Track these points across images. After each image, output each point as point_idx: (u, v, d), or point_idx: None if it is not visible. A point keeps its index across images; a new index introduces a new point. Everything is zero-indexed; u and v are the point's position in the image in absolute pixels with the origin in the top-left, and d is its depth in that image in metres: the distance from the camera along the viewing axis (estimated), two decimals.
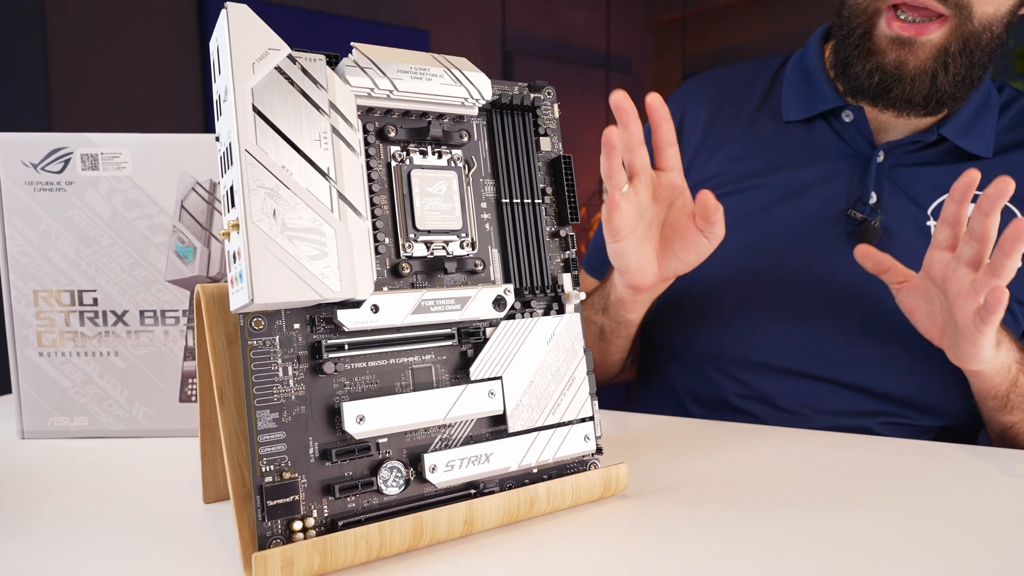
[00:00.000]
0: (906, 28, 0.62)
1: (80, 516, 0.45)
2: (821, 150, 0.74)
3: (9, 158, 0.59)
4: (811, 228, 0.72)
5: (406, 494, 0.39)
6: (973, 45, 0.63)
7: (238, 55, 0.35)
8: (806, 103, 0.74)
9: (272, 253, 0.34)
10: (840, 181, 0.72)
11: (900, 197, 0.70)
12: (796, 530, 0.41)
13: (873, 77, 0.65)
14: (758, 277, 0.74)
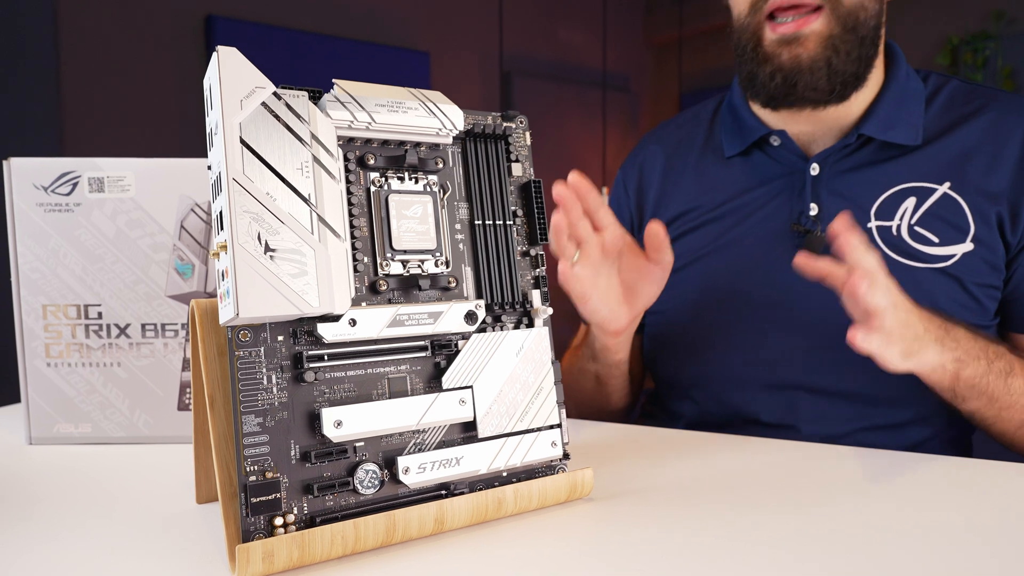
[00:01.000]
0: (787, 28, 0.67)
1: (81, 515, 0.48)
2: (762, 175, 0.78)
3: (22, 181, 0.62)
4: (762, 247, 0.76)
5: (380, 494, 0.42)
6: (853, 22, 0.68)
7: (227, 93, 0.38)
8: (739, 138, 0.79)
9: (256, 272, 0.37)
10: (782, 199, 0.76)
11: (841, 203, 0.73)
12: (755, 532, 0.44)
13: (775, 79, 0.70)
14: (724, 301, 0.78)
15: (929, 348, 0.57)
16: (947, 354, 0.59)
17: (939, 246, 0.70)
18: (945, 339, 0.59)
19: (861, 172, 0.74)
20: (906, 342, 0.55)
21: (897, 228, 0.71)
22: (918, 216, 0.71)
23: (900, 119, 0.73)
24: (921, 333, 0.57)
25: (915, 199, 0.71)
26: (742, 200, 0.78)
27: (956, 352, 0.59)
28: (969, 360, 0.60)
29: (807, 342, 0.74)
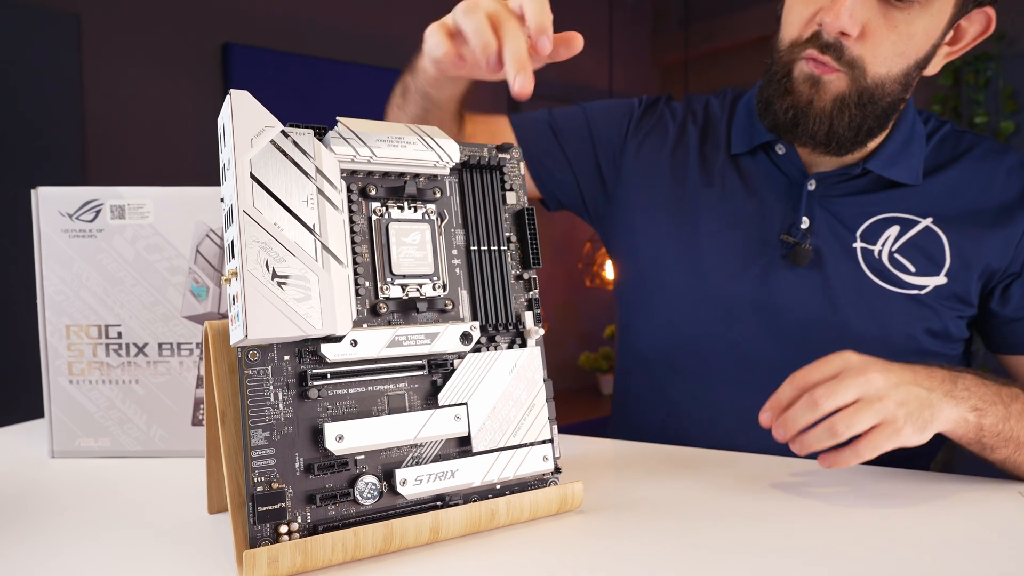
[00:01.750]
0: (814, 67, 0.69)
1: (100, 524, 0.51)
2: (762, 179, 0.81)
3: (48, 209, 0.66)
4: (751, 252, 0.78)
5: (379, 504, 0.45)
6: (867, 99, 0.70)
7: (239, 132, 0.41)
8: (749, 137, 0.82)
9: (264, 297, 0.40)
10: (776, 208, 0.79)
11: (831, 221, 0.76)
12: (742, 544, 0.46)
13: (788, 113, 0.72)
14: (709, 301, 0.80)
15: (943, 407, 0.55)
16: (963, 405, 0.56)
17: (914, 275, 0.73)
18: (955, 391, 0.56)
19: (854, 198, 0.76)
20: (916, 417, 0.53)
21: (879, 253, 0.74)
22: (899, 244, 0.74)
23: (903, 159, 0.75)
24: (926, 395, 0.54)
25: (899, 228, 0.74)
26: (740, 202, 0.80)
27: (971, 401, 0.56)
28: (987, 407, 0.57)
29: (781, 347, 0.77)
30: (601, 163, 0.89)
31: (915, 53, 0.69)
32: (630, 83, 3.76)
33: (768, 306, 0.77)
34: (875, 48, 0.67)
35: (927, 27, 0.67)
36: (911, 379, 0.55)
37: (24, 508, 0.54)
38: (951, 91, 2.69)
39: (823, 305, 0.75)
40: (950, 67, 2.67)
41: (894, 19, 0.66)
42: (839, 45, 0.67)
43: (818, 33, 0.68)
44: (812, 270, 0.75)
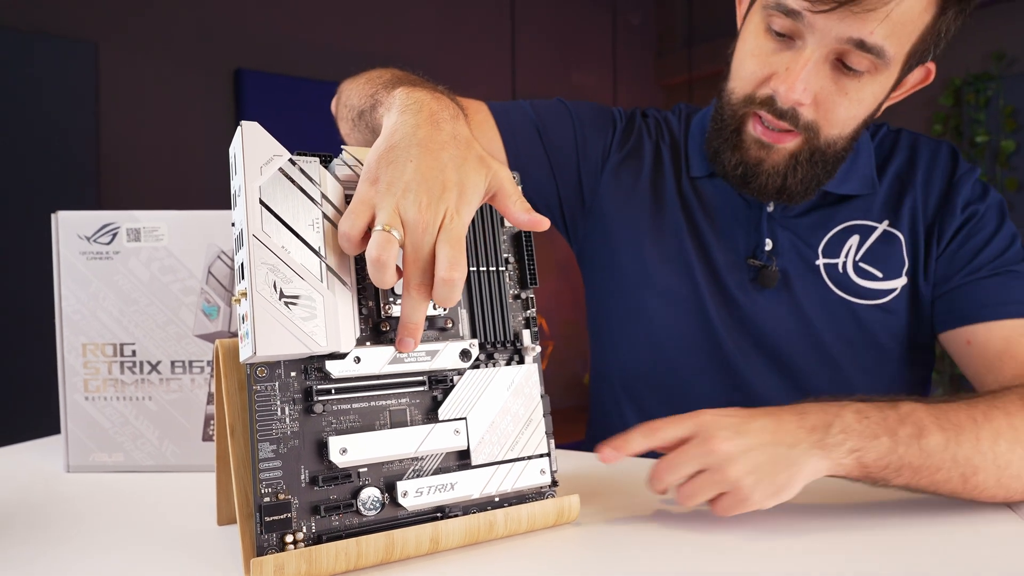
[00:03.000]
0: (767, 135, 0.70)
1: (114, 536, 0.53)
2: (722, 202, 0.82)
3: (67, 232, 0.68)
4: (722, 274, 0.80)
5: (381, 515, 0.46)
6: (819, 157, 0.71)
7: (249, 161, 0.43)
8: (705, 162, 0.82)
9: (272, 316, 0.42)
10: (740, 231, 0.80)
11: (793, 240, 0.78)
12: (736, 556, 0.47)
13: (737, 169, 0.73)
14: (690, 328, 0.81)
15: (807, 462, 0.50)
16: (835, 452, 0.51)
17: (882, 280, 0.75)
18: (827, 438, 0.51)
19: (811, 215, 0.78)
20: (768, 483, 0.49)
21: (843, 265, 0.76)
22: (862, 253, 0.75)
23: (855, 173, 0.78)
24: (785, 454, 0.50)
25: (858, 236, 0.76)
26: (705, 227, 0.81)
27: (847, 444, 0.51)
28: (867, 444, 0.51)
29: (757, 369, 0.78)
30: (582, 173, 0.87)
31: (865, 113, 0.71)
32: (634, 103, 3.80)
33: (744, 327, 0.79)
34: (828, 114, 0.68)
35: (876, 91, 0.69)
36: (769, 438, 0.50)
37: (41, 521, 0.56)
38: (952, 111, 2.71)
39: (796, 324, 0.77)
40: (951, 88, 2.68)
41: (845, 87, 0.67)
42: (794, 112, 0.68)
43: (772, 98, 0.69)
44: (781, 291, 0.77)
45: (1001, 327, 0.70)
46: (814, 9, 0.63)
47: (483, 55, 3.18)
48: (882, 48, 0.64)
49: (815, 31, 0.64)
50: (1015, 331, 0.69)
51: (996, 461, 0.53)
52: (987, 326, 0.70)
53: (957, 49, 2.73)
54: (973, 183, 0.76)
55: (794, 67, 0.66)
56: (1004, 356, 0.68)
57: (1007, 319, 0.70)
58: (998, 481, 0.53)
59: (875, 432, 0.52)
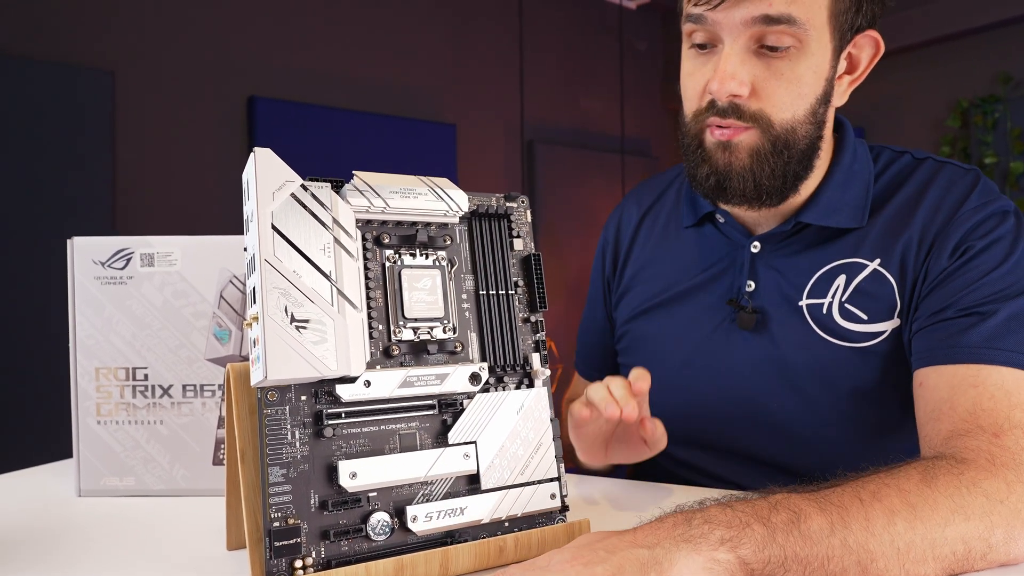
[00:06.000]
0: (722, 134, 0.70)
1: (125, 560, 0.52)
2: (711, 248, 0.82)
3: (82, 258, 0.69)
4: (703, 317, 0.80)
5: (391, 540, 0.46)
6: (782, 145, 0.70)
7: (262, 187, 0.44)
8: (693, 211, 0.83)
9: (283, 340, 0.42)
10: (725, 273, 0.79)
11: (777, 281, 0.76)
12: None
13: (710, 180, 0.73)
14: (670, 366, 0.81)
15: (675, 559, 0.42)
16: (703, 544, 0.43)
17: (868, 323, 0.70)
18: (689, 532, 0.44)
19: (798, 256, 0.75)
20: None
21: (828, 306, 0.72)
22: (848, 293, 0.71)
23: (844, 204, 0.74)
24: (648, 555, 0.43)
25: (845, 276, 0.72)
26: (695, 272, 0.82)
27: (714, 533, 0.44)
28: (738, 534, 0.44)
29: (734, 411, 0.77)
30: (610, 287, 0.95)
31: (812, 92, 0.70)
32: (641, 127, 3.82)
33: (721, 371, 0.78)
34: (770, 99, 0.68)
35: (813, 66, 0.68)
36: (625, 544, 0.44)
37: (52, 545, 0.56)
38: (960, 133, 2.71)
39: (776, 368, 0.74)
40: (958, 109, 2.69)
41: (777, 68, 0.68)
42: (736, 106, 0.69)
43: (713, 101, 0.70)
44: (760, 334, 0.75)
45: (950, 373, 0.63)
46: (711, 6, 0.66)
47: (493, 80, 3.21)
48: (789, 15, 0.65)
49: (723, 27, 0.67)
50: (962, 378, 0.62)
51: (895, 544, 0.46)
52: (937, 370, 0.64)
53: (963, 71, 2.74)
54: (981, 219, 0.68)
55: (720, 66, 0.68)
56: (944, 407, 0.62)
57: (957, 364, 0.63)
58: (901, 566, 0.46)
59: (744, 520, 0.44)
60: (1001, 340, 0.62)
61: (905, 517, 0.47)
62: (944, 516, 0.48)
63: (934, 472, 0.51)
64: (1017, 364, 0.61)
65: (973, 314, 0.64)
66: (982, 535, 0.48)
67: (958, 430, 0.58)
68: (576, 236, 3.44)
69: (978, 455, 0.54)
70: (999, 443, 0.55)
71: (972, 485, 0.50)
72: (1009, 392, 0.59)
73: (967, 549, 0.48)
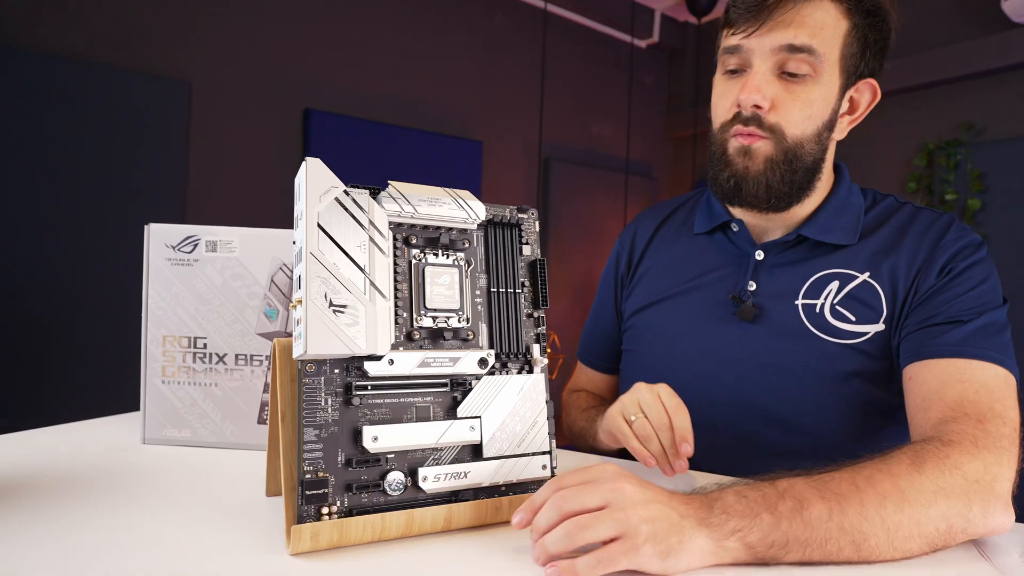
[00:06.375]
0: (743, 139, 0.74)
1: (180, 499, 0.54)
2: (719, 253, 0.83)
3: (156, 241, 0.71)
4: (709, 310, 0.80)
5: (404, 496, 0.47)
6: (792, 156, 0.73)
7: (311, 191, 0.45)
8: (708, 220, 0.85)
9: (322, 321, 0.44)
10: (730, 275, 0.81)
11: (776, 282, 0.77)
12: None
13: (729, 182, 0.75)
14: (674, 352, 0.82)
15: (695, 536, 0.44)
16: (719, 531, 0.45)
17: (855, 324, 0.72)
18: (711, 516, 0.45)
19: (796, 265, 0.77)
20: (661, 540, 0.43)
21: (821, 307, 0.74)
22: (840, 297, 0.73)
23: (838, 226, 0.76)
24: (678, 520, 0.44)
25: (838, 283, 0.74)
26: (703, 272, 0.83)
27: (730, 523, 0.45)
28: (749, 524, 0.45)
29: (732, 388, 0.77)
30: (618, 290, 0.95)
31: (820, 116, 0.73)
32: (644, 152, 3.81)
33: (723, 357, 0.78)
34: (787, 115, 0.72)
35: (823, 95, 0.72)
36: (665, 500, 0.45)
37: (121, 484, 0.58)
38: (925, 171, 2.68)
39: (770, 356, 0.75)
40: (925, 151, 2.66)
41: (795, 91, 0.71)
42: (758, 117, 0.72)
43: (739, 113, 0.73)
44: (758, 324, 0.76)
45: (939, 366, 0.65)
46: (748, 34, 0.71)
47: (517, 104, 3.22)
48: (810, 46, 0.69)
49: (755, 53, 0.72)
50: (950, 374, 0.64)
51: (885, 524, 0.47)
52: (926, 364, 0.66)
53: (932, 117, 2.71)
54: (961, 248, 0.71)
55: (748, 81, 0.72)
56: (934, 397, 0.63)
57: (944, 358, 0.65)
58: (891, 544, 0.47)
59: (755, 511, 0.45)
60: (977, 340, 0.65)
61: (895, 501, 0.48)
62: (928, 498, 0.49)
63: (923, 456, 0.53)
64: (992, 360, 0.64)
65: (955, 321, 0.67)
66: (961, 512, 0.50)
67: (946, 417, 0.60)
68: (582, 244, 3.44)
69: (963, 437, 0.56)
70: (983, 428, 0.57)
71: (955, 467, 0.52)
72: (992, 389, 0.62)
73: (949, 525, 0.49)
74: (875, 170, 2.81)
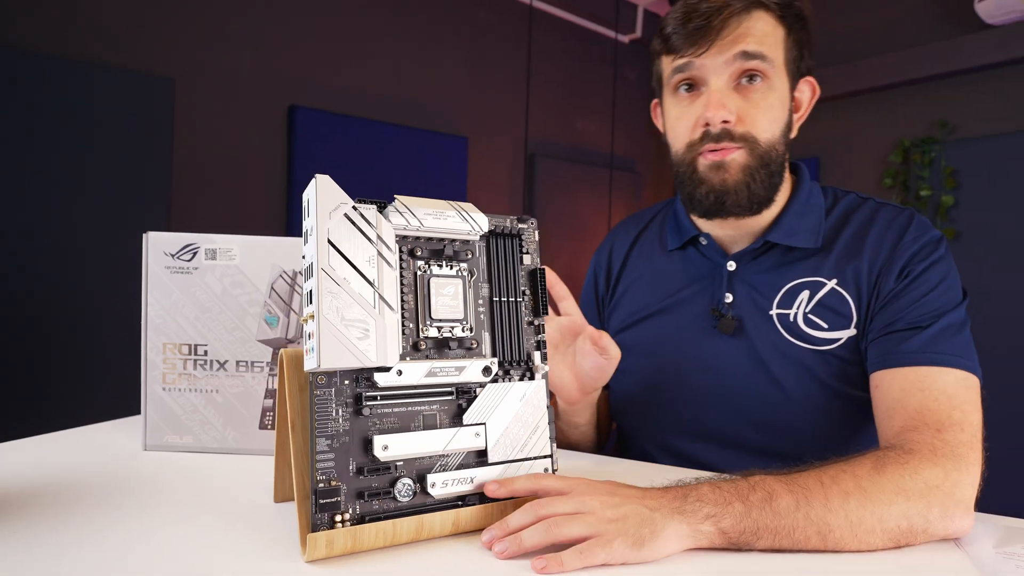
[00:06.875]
0: (715, 155, 0.75)
1: (183, 507, 0.55)
2: (693, 267, 0.85)
3: (156, 249, 0.71)
4: (691, 324, 0.82)
5: (413, 502, 0.49)
6: (767, 160, 0.75)
7: (321, 207, 0.46)
8: (678, 236, 0.86)
9: (333, 336, 0.45)
10: (707, 288, 0.82)
11: (751, 293, 0.79)
12: None
13: (709, 197, 0.76)
14: (663, 368, 0.83)
15: (668, 523, 0.47)
16: (694, 517, 0.48)
17: (828, 331, 0.74)
18: (685, 505, 0.48)
19: (767, 273, 0.79)
20: (632, 533, 0.46)
21: (794, 316, 0.76)
22: (811, 306, 0.75)
23: (801, 228, 0.78)
24: (648, 514, 0.47)
25: (808, 292, 0.76)
26: (680, 288, 0.85)
27: (704, 510, 0.48)
28: (721, 510, 0.48)
29: (715, 401, 0.79)
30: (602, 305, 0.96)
31: (781, 116, 0.76)
32: (628, 147, 3.83)
33: (709, 369, 0.80)
34: (754, 122, 0.74)
35: (779, 97, 0.75)
36: (636, 499, 0.49)
37: (123, 492, 0.58)
38: (901, 168, 2.74)
39: (753, 366, 0.77)
40: (901, 148, 2.71)
41: (754, 99, 0.74)
42: (727, 131, 0.74)
43: (707, 131, 0.74)
44: (739, 337, 0.78)
45: (901, 375, 0.66)
46: (698, 54, 0.73)
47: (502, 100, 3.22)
48: (760, 51, 0.73)
49: (708, 69, 0.74)
50: (911, 382, 0.65)
51: (848, 518, 0.50)
52: (890, 373, 0.67)
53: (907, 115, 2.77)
54: (919, 248, 0.72)
55: (711, 99, 0.73)
56: (896, 407, 0.65)
57: (905, 367, 0.66)
58: (855, 536, 0.50)
59: (728, 499, 0.49)
60: (937, 345, 0.67)
61: (857, 497, 0.51)
62: (889, 497, 0.52)
63: (884, 461, 0.55)
64: (952, 364, 0.65)
65: (915, 327, 0.69)
66: (921, 512, 0.52)
67: (907, 426, 0.62)
68: (567, 239, 3.46)
69: (922, 447, 0.58)
70: (941, 437, 0.59)
71: (915, 472, 0.54)
72: (951, 396, 0.63)
73: (909, 524, 0.51)
74: (853, 166, 2.86)
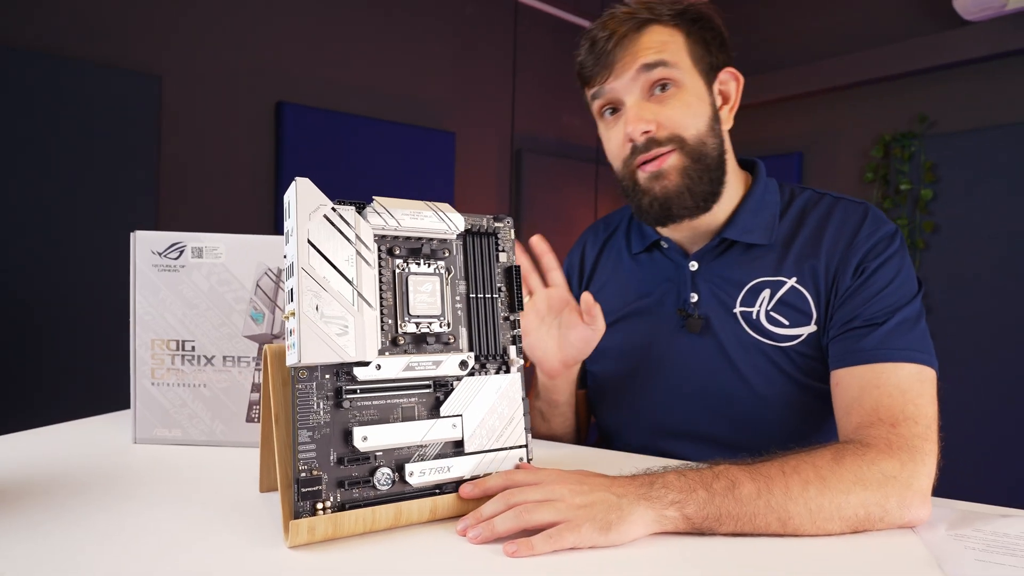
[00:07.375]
0: (651, 166, 0.77)
1: (172, 497, 0.57)
2: (659, 269, 0.87)
3: (143, 248, 0.73)
4: (661, 325, 0.84)
5: (392, 490, 0.51)
6: (698, 155, 0.77)
7: (301, 209, 0.48)
8: (640, 241, 0.89)
9: (314, 332, 0.46)
10: (672, 289, 0.85)
11: (715, 291, 0.81)
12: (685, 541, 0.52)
13: (654, 207, 0.79)
14: (634, 367, 0.86)
15: (635, 508, 0.49)
16: (659, 503, 0.50)
17: (789, 327, 0.76)
18: (651, 492, 0.51)
19: (729, 269, 0.81)
20: (600, 519, 0.48)
21: (756, 314, 0.78)
22: (772, 304, 0.77)
23: (756, 225, 0.80)
24: (615, 500, 0.50)
25: (769, 291, 0.78)
26: (645, 291, 0.87)
27: (669, 496, 0.50)
28: (686, 496, 0.50)
29: (685, 398, 0.82)
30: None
31: (702, 111, 0.78)
32: None
33: (679, 367, 0.82)
34: (676, 124, 0.76)
35: (694, 94, 0.77)
36: (604, 487, 0.51)
37: (114, 484, 0.60)
38: (882, 162, 2.77)
39: (721, 362, 0.79)
40: (881, 142, 2.75)
41: (670, 104, 0.77)
42: (652, 139, 0.77)
43: (634, 146, 0.78)
44: (706, 336, 0.80)
45: (858, 372, 0.68)
46: (605, 79, 0.78)
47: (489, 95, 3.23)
48: (662, 59, 0.76)
49: (619, 91, 0.78)
50: (868, 380, 0.67)
51: (808, 506, 0.52)
52: (848, 371, 0.69)
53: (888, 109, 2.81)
54: (872, 245, 0.74)
55: (628, 115, 0.77)
56: (854, 404, 0.66)
57: (862, 364, 0.68)
58: (813, 523, 0.52)
59: (692, 486, 0.51)
60: (893, 341, 0.69)
61: (816, 486, 0.53)
62: (847, 486, 0.54)
63: (842, 453, 0.57)
64: (906, 359, 0.67)
65: (871, 324, 0.71)
66: (879, 502, 0.54)
67: (864, 422, 0.64)
68: (554, 233, 3.47)
69: (878, 441, 0.60)
70: (895, 432, 0.61)
71: (872, 463, 0.56)
72: (904, 390, 0.65)
73: (867, 512, 0.54)
74: (835, 160, 2.90)
